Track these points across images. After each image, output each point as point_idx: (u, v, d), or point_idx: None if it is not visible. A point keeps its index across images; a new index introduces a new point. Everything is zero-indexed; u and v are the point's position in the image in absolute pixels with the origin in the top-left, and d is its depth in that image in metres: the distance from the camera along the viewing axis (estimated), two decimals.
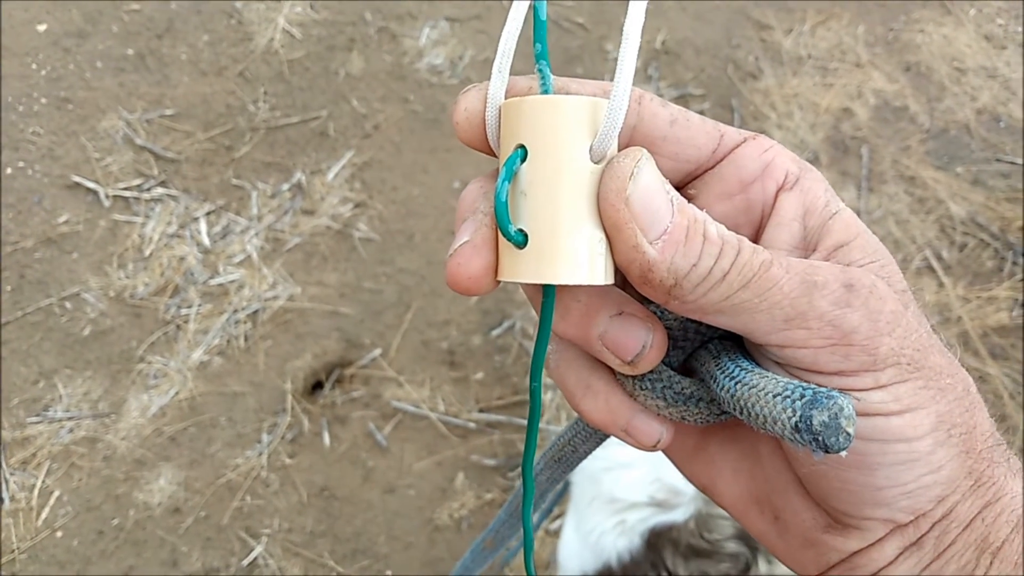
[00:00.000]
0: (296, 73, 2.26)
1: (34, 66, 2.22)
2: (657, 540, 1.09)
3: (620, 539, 1.12)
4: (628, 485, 1.15)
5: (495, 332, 1.91)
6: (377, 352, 1.89)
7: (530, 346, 1.89)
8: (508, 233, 0.27)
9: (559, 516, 1.69)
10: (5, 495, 1.75)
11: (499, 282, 0.28)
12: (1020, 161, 2.11)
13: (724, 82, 2.25)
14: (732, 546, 1.05)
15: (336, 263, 2.00)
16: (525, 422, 1.80)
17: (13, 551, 1.70)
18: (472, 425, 1.80)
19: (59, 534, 1.72)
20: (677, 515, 1.10)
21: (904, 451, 0.27)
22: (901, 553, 0.29)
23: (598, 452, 0.48)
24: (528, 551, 0.36)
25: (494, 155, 0.29)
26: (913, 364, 0.27)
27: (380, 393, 1.85)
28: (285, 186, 2.10)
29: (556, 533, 1.69)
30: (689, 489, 1.12)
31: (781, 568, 1.04)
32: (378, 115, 2.19)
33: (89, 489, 1.76)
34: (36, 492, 1.76)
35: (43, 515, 1.74)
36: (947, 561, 0.29)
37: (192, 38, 2.30)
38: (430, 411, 1.82)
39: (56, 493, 1.76)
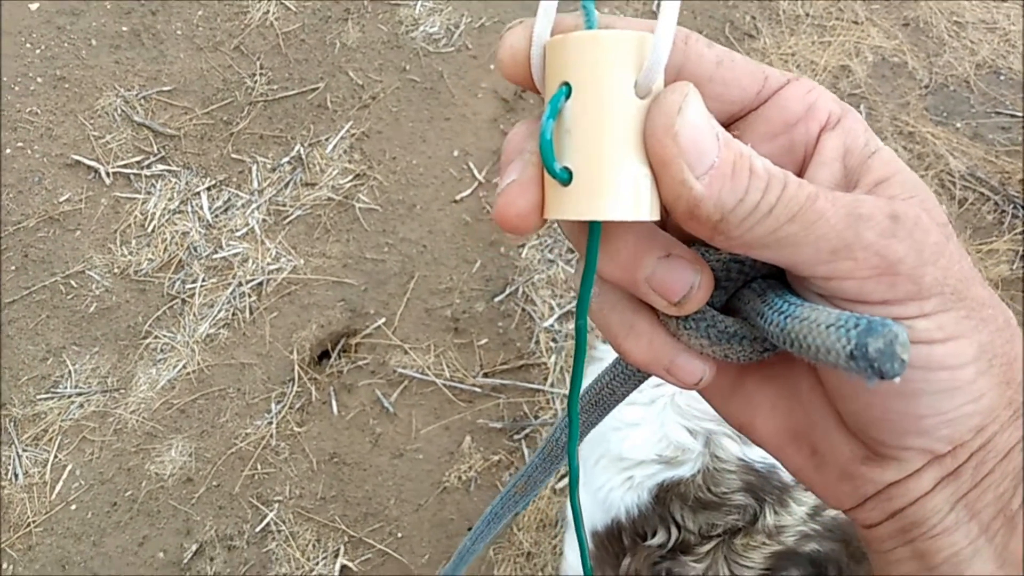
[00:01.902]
0: (292, 45, 2.25)
1: (28, 45, 2.22)
2: (665, 495, 1.10)
3: (628, 495, 1.13)
4: (636, 444, 1.16)
5: (498, 298, 1.92)
6: (382, 321, 1.90)
7: (532, 311, 1.90)
8: (553, 170, 0.27)
9: (565, 475, 1.71)
10: (19, 471, 1.77)
11: (545, 220, 0.28)
12: (1020, 114, 2.11)
13: (722, 43, 2.23)
14: (739, 498, 1.06)
15: (338, 234, 2.01)
16: (529, 385, 1.82)
17: (28, 525, 1.73)
18: (478, 390, 1.82)
19: (73, 507, 1.74)
20: (684, 471, 1.11)
21: (947, 379, 0.27)
22: (938, 483, 0.30)
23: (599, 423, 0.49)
24: (573, 485, 0.37)
25: (539, 93, 0.29)
26: (956, 294, 0.27)
27: (386, 361, 1.86)
28: (285, 159, 2.10)
29: (563, 492, 1.71)
30: (696, 446, 1.13)
31: (787, 519, 1.05)
32: (375, 86, 2.19)
33: (101, 462, 1.78)
34: (49, 467, 1.78)
35: (57, 489, 1.76)
36: (984, 491, 0.29)
37: (187, 13, 2.29)
38: (436, 377, 1.83)
39: (69, 467, 1.78)
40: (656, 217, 0.27)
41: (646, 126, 0.26)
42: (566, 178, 0.27)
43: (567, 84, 0.27)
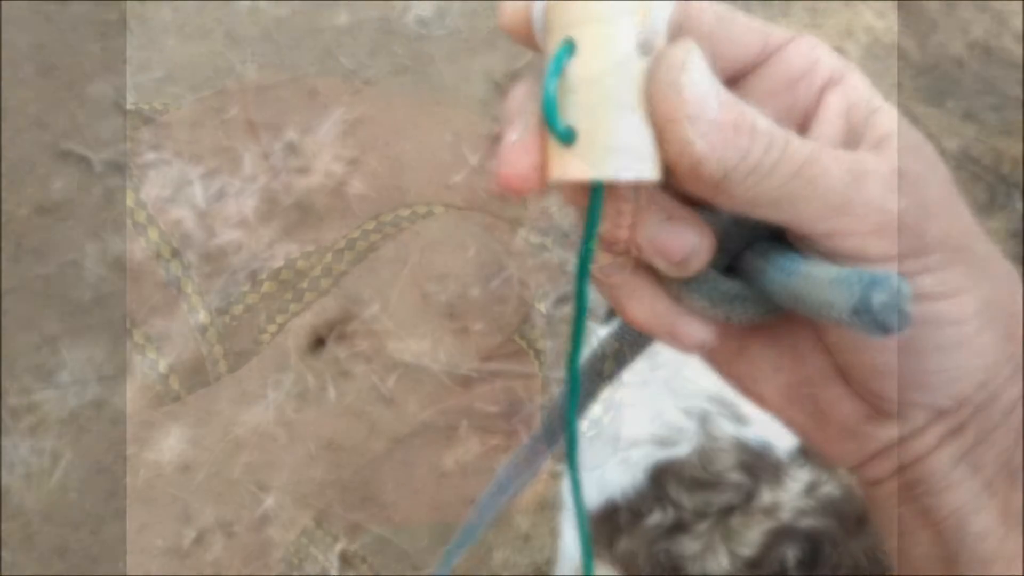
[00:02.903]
0: (282, 31, 2.24)
1: (16, 33, 2.20)
2: (660, 474, 1.11)
3: (623, 475, 1.14)
4: (630, 424, 1.17)
5: (493, 283, 1.92)
6: (377, 307, 1.90)
7: (528, 295, 1.90)
8: (556, 129, 0.26)
9: (561, 460, 1.71)
10: (16, 460, 1.78)
11: (547, 184, 0.28)
12: (1012, 94, 2.11)
13: None
14: (735, 476, 1.07)
15: (332, 220, 2.01)
16: (525, 370, 1.82)
17: (26, 514, 1.73)
18: (474, 375, 1.83)
19: (71, 495, 1.75)
20: (680, 450, 1.12)
21: (950, 335, 0.27)
22: (942, 440, 0.30)
23: (599, 394, 0.50)
24: (572, 450, 0.37)
25: (540, 51, 0.29)
26: (959, 249, 0.27)
27: (382, 347, 1.87)
28: (277, 145, 2.09)
29: (560, 475, 1.72)
30: (691, 425, 1.13)
31: (782, 496, 1.07)
32: (367, 70, 2.18)
33: (98, 451, 1.79)
34: (46, 456, 1.78)
35: (54, 478, 1.76)
36: (988, 447, 0.29)
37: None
38: (432, 363, 1.84)
39: (66, 456, 1.78)
40: (659, 177, 0.27)
41: (649, 83, 0.26)
42: (569, 137, 0.26)
43: (570, 41, 0.27)
